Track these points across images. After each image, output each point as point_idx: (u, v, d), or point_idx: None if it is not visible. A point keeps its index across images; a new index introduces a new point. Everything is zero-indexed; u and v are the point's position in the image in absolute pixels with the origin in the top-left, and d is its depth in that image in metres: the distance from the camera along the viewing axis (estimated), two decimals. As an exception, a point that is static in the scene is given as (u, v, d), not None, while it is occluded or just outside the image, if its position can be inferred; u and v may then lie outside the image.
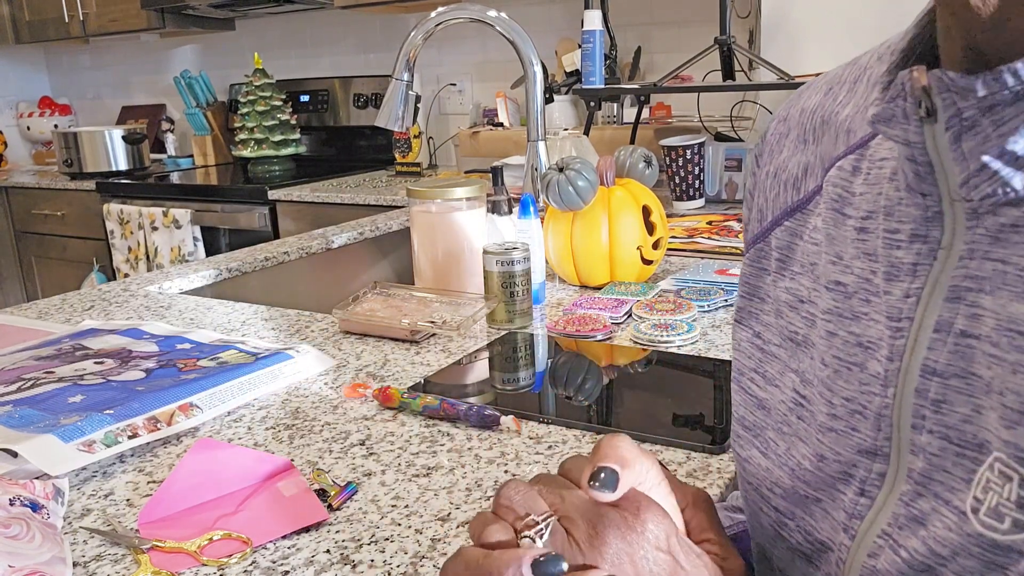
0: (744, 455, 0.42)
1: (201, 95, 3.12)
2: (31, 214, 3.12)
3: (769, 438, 0.40)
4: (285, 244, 1.55)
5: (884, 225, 0.34)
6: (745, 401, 0.43)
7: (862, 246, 0.35)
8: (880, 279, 0.34)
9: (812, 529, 0.37)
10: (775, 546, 0.40)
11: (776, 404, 0.40)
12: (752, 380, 0.42)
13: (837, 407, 0.35)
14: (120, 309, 1.16)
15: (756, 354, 0.42)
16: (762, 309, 0.42)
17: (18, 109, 3.78)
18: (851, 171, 0.37)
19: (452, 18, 1.39)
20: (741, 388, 0.43)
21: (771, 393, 0.41)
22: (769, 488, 0.40)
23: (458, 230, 1.10)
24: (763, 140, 0.46)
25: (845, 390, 0.35)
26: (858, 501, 0.34)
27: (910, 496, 0.32)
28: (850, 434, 0.35)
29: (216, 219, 2.50)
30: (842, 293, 0.36)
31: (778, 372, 0.40)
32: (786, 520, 0.39)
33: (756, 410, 0.42)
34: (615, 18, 2.38)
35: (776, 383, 0.40)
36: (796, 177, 0.41)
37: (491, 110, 2.65)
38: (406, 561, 0.54)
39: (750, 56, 1.78)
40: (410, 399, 0.76)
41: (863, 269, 0.35)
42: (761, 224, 0.44)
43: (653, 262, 1.15)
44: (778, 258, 0.41)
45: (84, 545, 0.57)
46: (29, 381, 0.82)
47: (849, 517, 0.35)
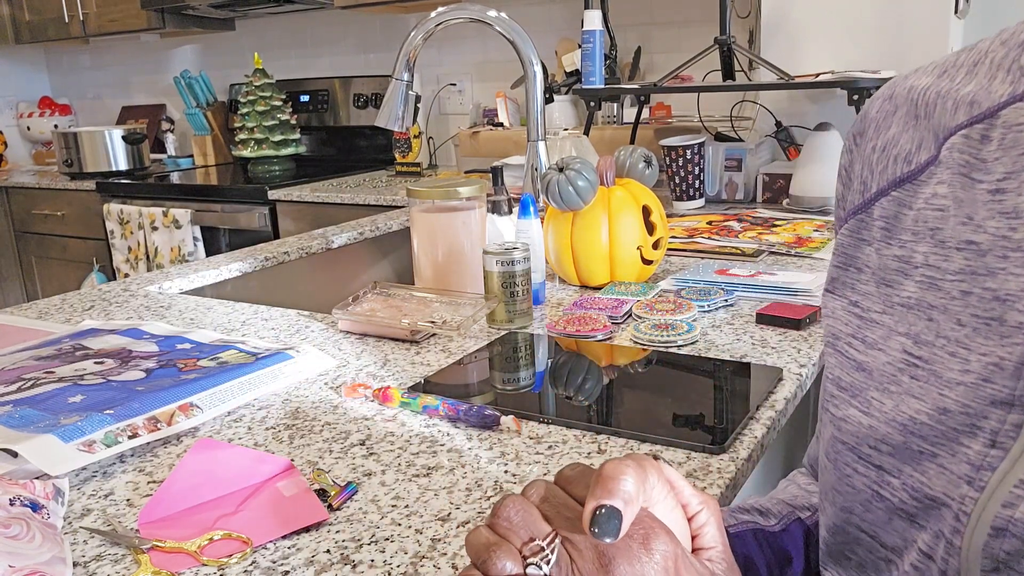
0: (840, 414, 0.42)
1: (201, 95, 3.12)
2: (31, 214, 3.12)
3: (872, 397, 0.40)
4: (285, 244, 1.55)
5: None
6: (842, 363, 0.43)
7: (998, 206, 0.36)
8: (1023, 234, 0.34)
9: (922, 485, 0.37)
10: (869, 508, 0.40)
11: (880, 366, 0.40)
12: (850, 344, 0.42)
13: (972, 363, 0.35)
14: (120, 309, 1.16)
15: (854, 321, 0.43)
16: (859, 279, 0.43)
17: (18, 109, 3.78)
18: (979, 139, 0.37)
19: (452, 18, 1.39)
20: (837, 351, 0.43)
21: (873, 356, 0.41)
22: (872, 446, 0.39)
23: (458, 230, 1.10)
24: (864, 118, 0.46)
25: (983, 346, 0.35)
26: (987, 453, 0.34)
27: None
28: (982, 385, 0.35)
29: (216, 219, 2.51)
30: (975, 251, 0.36)
31: (881, 337, 0.40)
32: (890, 478, 0.39)
33: (854, 372, 0.42)
34: (615, 18, 2.38)
35: (879, 347, 0.40)
36: (908, 151, 0.42)
37: (491, 110, 2.65)
38: (406, 561, 0.54)
39: (750, 56, 1.78)
40: (410, 399, 0.76)
41: (999, 227, 0.35)
42: (864, 195, 0.44)
43: (653, 262, 1.15)
44: (883, 227, 0.42)
45: (84, 545, 0.57)
46: (29, 381, 0.82)
47: (976, 469, 0.34)
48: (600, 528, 0.33)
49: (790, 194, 1.69)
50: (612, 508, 0.33)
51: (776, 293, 1.06)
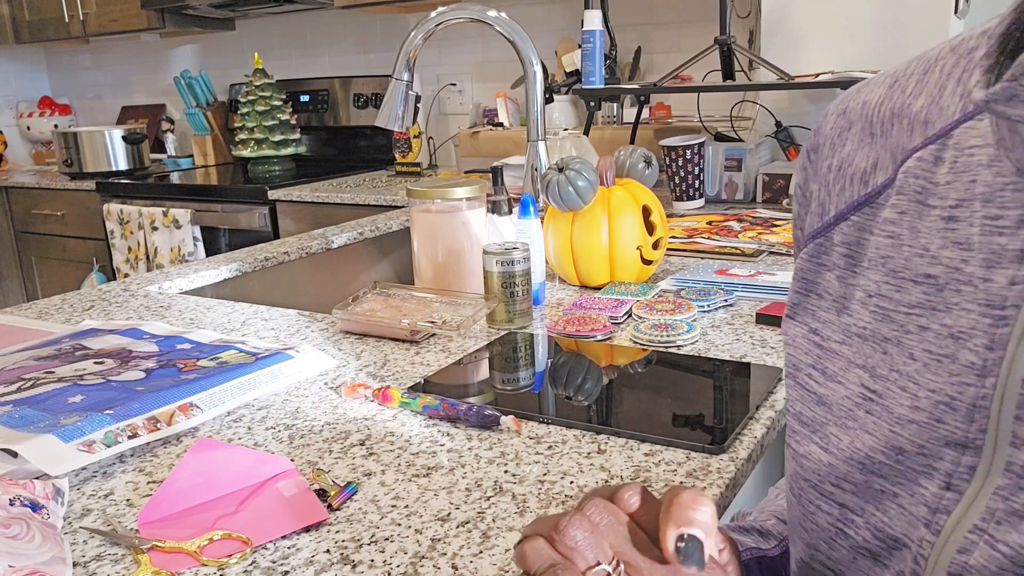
0: (802, 451, 0.41)
1: (201, 95, 3.12)
2: (31, 214, 3.12)
3: (830, 433, 0.39)
4: (285, 244, 1.55)
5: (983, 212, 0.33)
6: (803, 397, 0.42)
7: (951, 235, 0.35)
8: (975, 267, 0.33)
9: (884, 525, 0.36)
10: (833, 546, 0.39)
11: (839, 400, 0.39)
12: (810, 376, 0.42)
13: (921, 399, 0.35)
14: (120, 309, 1.16)
15: (814, 350, 0.42)
16: (819, 305, 0.42)
17: (18, 109, 3.78)
18: (932, 161, 0.36)
19: (452, 18, 1.39)
20: (798, 384, 0.42)
21: (832, 389, 0.40)
22: (835, 484, 0.39)
23: (458, 230, 1.10)
24: (818, 134, 0.45)
25: (933, 382, 0.34)
26: (943, 495, 0.34)
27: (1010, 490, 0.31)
28: (935, 426, 0.34)
29: (216, 219, 2.51)
30: (933, 286, 0.35)
31: (840, 369, 0.40)
32: (853, 516, 0.38)
33: (815, 406, 0.41)
34: (615, 18, 2.38)
35: (839, 379, 0.40)
36: (864, 171, 0.41)
37: (491, 110, 2.65)
38: (406, 561, 0.54)
39: (750, 56, 1.78)
40: (410, 399, 0.76)
41: (952, 259, 0.35)
42: (823, 219, 0.43)
43: (653, 262, 1.15)
44: (845, 253, 0.41)
45: (84, 545, 0.57)
46: (29, 381, 0.82)
47: (932, 512, 0.34)
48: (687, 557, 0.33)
49: (790, 194, 1.68)
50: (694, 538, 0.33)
51: (776, 293, 1.06)
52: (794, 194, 0.46)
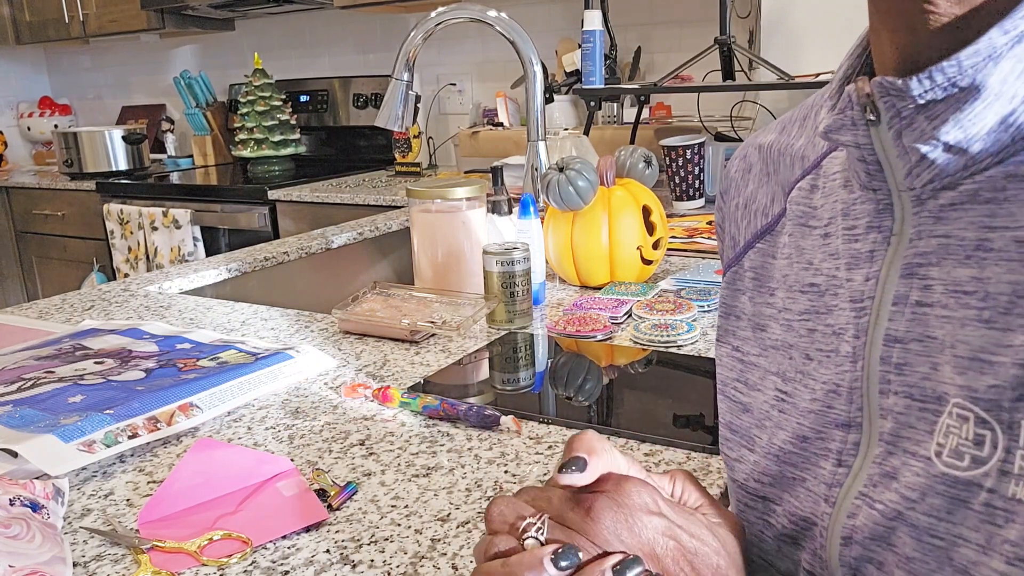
0: (735, 456, 0.46)
1: (201, 95, 3.12)
2: (31, 214, 3.12)
3: (754, 435, 0.44)
4: (285, 244, 1.55)
5: (843, 224, 0.39)
6: (731, 408, 0.47)
7: (827, 248, 0.40)
8: (843, 271, 0.39)
9: (796, 509, 0.41)
10: (763, 539, 0.43)
11: (759, 405, 0.44)
12: (736, 389, 0.47)
13: (817, 392, 0.40)
14: (120, 309, 1.16)
15: (737, 366, 0.47)
16: (738, 326, 0.47)
17: (18, 109, 3.78)
18: (809, 189, 0.43)
19: (452, 18, 1.39)
20: (726, 397, 0.47)
21: (753, 397, 0.45)
22: (757, 479, 0.43)
23: (458, 230, 1.10)
24: (726, 178, 0.51)
25: (825, 375, 0.39)
26: (836, 472, 0.38)
27: (882, 456, 0.36)
28: (827, 412, 0.39)
29: (216, 219, 2.50)
30: (816, 292, 0.41)
31: (759, 378, 0.45)
32: (774, 506, 0.42)
33: (741, 414, 0.46)
34: (615, 18, 2.38)
35: (758, 388, 0.45)
36: (764, 205, 0.47)
37: (491, 110, 2.65)
38: (406, 561, 0.54)
39: (750, 56, 1.78)
40: (410, 399, 0.76)
41: (829, 268, 0.40)
42: (735, 249, 0.49)
43: (653, 262, 1.15)
44: (753, 277, 0.46)
45: (84, 545, 0.57)
46: (29, 381, 0.82)
47: (829, 487, 0.38)
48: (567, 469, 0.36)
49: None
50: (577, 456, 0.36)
51: (776, 293, 1.06)
52: (716, 232, 0.53)
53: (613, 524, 0.35)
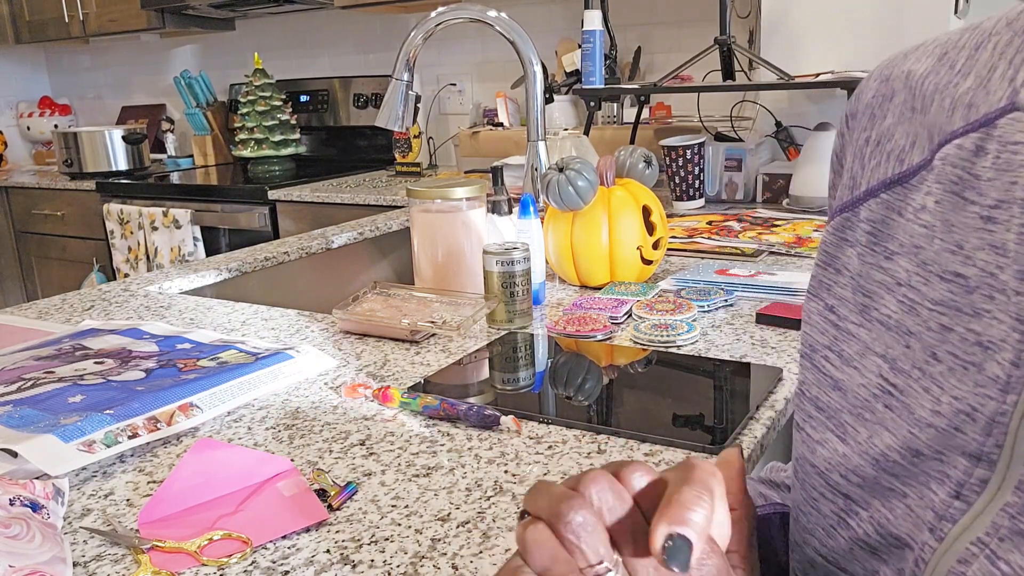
0: (818, 438, 0.40)
1: (201, 95, 3.12)
2: (31, 214, 3.12)
3: (846, 422, 0.38)
4: (285, 244, 1.55)
5: (1021, 219, 0.31)
6: (819, 380, 0.40)
7: (988, 237, 0.32)
8: (1010, 276, 0.32)
9: (887, 523, 0.36)
10: (832, 535, 0.39)
11: (855, 387, 0.38)
12: (826, 358, 0.40)
13: (943, 404, 0.34)
14: (120, 309, 1.16)
15: (830, 330, 0.40)
16: (836, 281, 0.40)
17: (18, 109, 3.78)
18: (974, 151, 0.34)
19: (452, 18, 1.39)
20: (814, 366, 0.41)
21: (848, 375, 0.38)
22: (843, 475, 0.38)
23: (458, 230, 1.10)
24: (858, 100, 0.42)
25: (956, 389, 0.33)
26: (951, 504, 0.33)
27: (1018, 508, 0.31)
28: (953, 434, 0.33)
29: (216, 219, 2.51)
30: (962, 287, 0.33)
31: (857, 353, 0.38)
32: (858, 509, 0.37)
33: (831, 391, 0.39)
34: (615, 18, 2.38)
35: (854, 364, 0.38)
36: (902, 148, 0.38)
37: (491, 110, 2.65)
38: (406, 561, 0.54)
39: (750, 56, 1.78)
40: (410, 399, 0.76)
41: (987, 263, 0.32)
42: (852, 192, 0.41)
43: (653, 262, 1.15)
44: (869, 231, 0.39)
45: (84, 545, 0.57)
46: (29, 381, 0.82)
47: (938, 518, 0.34)
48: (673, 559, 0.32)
49: (790, 194, 1.69)
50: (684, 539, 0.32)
51: (776, 293, 1.06)
52: (830, 161, 0.44)
53: None
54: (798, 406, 0.42)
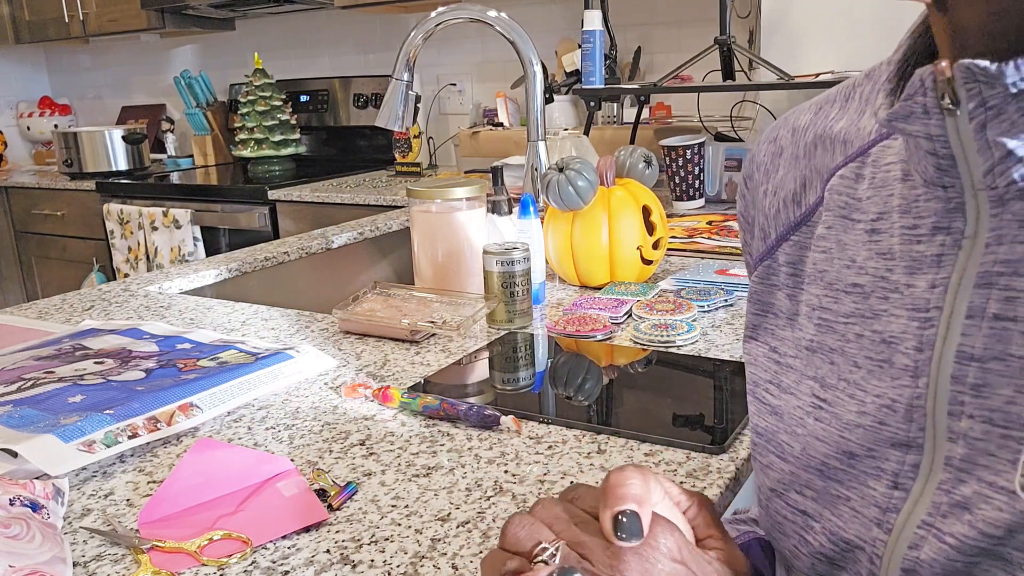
0: (765, 462, 0.43)
1: (201, 95, 3.12)
2: (31, 214, 3.12)
3: (783, 441, 0.41)
4: (285, 244, 1.55)
5: (900, 223, 0.35)
6: (760, 410, 0.44)
7: (875, 247, 0.37)
8: (899, 275, 0.35)
9: (838, 529, 0.37)
10: (797, 554, 0.41)
11: (790, 410, 0.41)
12: (767, 391, 0.43)
13: (867, 404, 0.36)
14: (120, 309, 1.16)
15: (772, 367, 0.43)
16: (776, 324, 0.44)
17: (18, 109, 3.78)
18: (854, 178, 0.39)
19: (452, 18, 1.39)
20: (756, 399, 0.44)
21: (785, 400, 0.42)
22: (798, 491, 0.40)
23: (458, 230, 1.10)
24: (752, 162, 0.47)
25: (876, 387, 0.36)
26: (891, 495, 0.35)
27: (951, 483, 0.33)
28: (879, 428, 0.35)
29: (216, 219, 2.51)
30: (860, 294, 0.37)
31: (793, 381, 0.41)
32: (812, 523, 0.39)
33: (769, 416, 0.43)
34: (615, 18, 2.38)
35: (791, 391, 0.41)
36: (795, 192, 0.43)
37: (491, 110, 2.65)
38: (406, 561, 0.54)
39: (750, 56, 1.78)
40: (410, 399, 0.76)
41: (877, 268, 0.36)
42: (766, 242, 0.45)
43: (653, 262, 1.15)
44: (790, 272, 0.43)
45: (84, 545, 0.57)
46: (29, 381, 0.82)
47: (883, 512, 0.35)
48: (625, 532, 0.34)
49: (790, 194, 1.68)
50: (630, 512, 0.34)
51: (776, 293, 1.06)
52: (738, 222, 0.49)
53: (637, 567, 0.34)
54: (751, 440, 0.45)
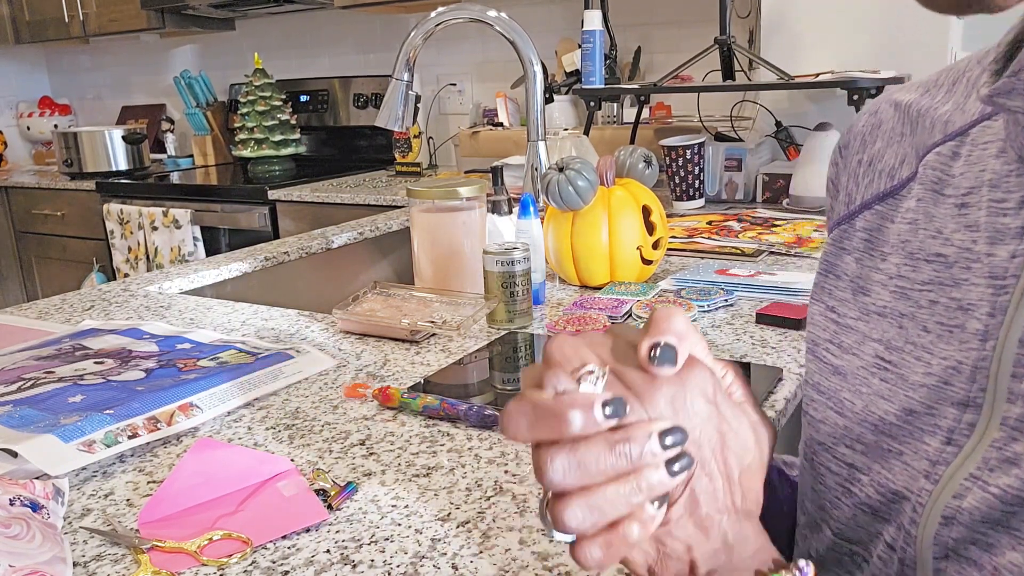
0: (819, 417, 0.45)
1: (201, 95, 3.12)
2: (31, 214, 3.12)
3: (844, 399, 0.43)
4: (285, 244, 1.55)
5: (989, 196, 0.38)
6: (821, 369, 0.45)
7: (963, 220, 0.39)
8: (982, 245, 0.37)
9: (887, 481, 0.39)
10: (837, 505, 0.43)
11: (854, 370, 0.43)
12: (827, 350, 0.45)
13: (934, 366, 0.38)
14: (120, 309, 1.16)
15: (831, 327, 0.45)
16: (836, 285, 0.46)
17: (18, 109, 3.78)
18: (950, 155, 0.41)
19: (452, 18, 1.39)
20: (817, 358, 0.46)
21: (847, 360, 0.43)
22: (848, 446, 0.42)
23: (458, 230, 1.10)
24: (850, 132, 0.49)
25: (944, 350, 0.38)
26: (944, 450, 0.37)
27: (1003, 441, 0.35)
28: (942, 388, 0.38)
29: (216, 219, 2.51)
30: (943, 263, 0.39)
31: (855, 342, 0.43)
32: (860, 475, 0.41)
33: (831, 376, 0.44)
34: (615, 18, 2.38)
35: (853, 351, 0.43)
36: (892, 167, 0.45)
37: (491, 110, 2.65)
38: (406, 561, 0.54)
39: (750, 56, 1.78)
40: (410, 399, 0.76)
41: (963, 240, 0.38)
42: (848, 207, 0.47)
43: (653, 262, 1.15)
44: (865, 239, 0.45)
45: (84, 545, 0.57)
46: (29, 381, 0.82)
47: (933, 464, 0.37)
48: (659, 359, 0.35)
49: (790, 194, 1.69)
50: (667, 344, 0.35)
51: (776, 293, 1.06)
52: (826, 188, 0.51)
53: (671, 397, 0.35)
54: (804, 394, 0.47)
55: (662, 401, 0.35)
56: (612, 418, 0.34)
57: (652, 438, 0.34)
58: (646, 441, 0.34)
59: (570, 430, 0.34)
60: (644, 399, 0.35)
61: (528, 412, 0.34)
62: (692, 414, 0.35)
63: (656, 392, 0.35)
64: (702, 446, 0.36)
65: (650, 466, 0.34)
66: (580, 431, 0.34)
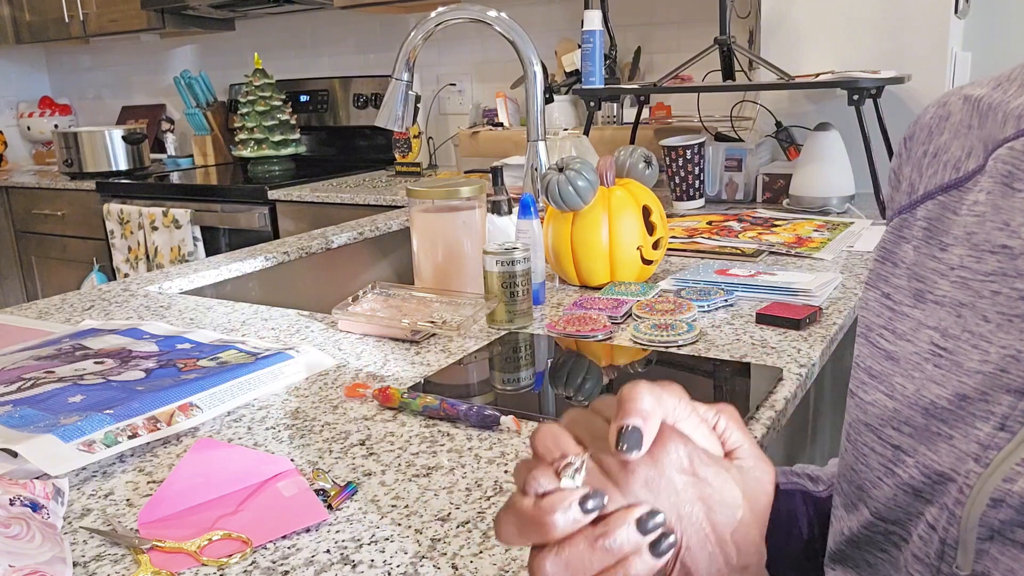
0: (869, 399, 0.45)
1: (201, 95, 3.12)
2: (31, 214, 3.12)
3: (896, 383, 0.44)
4: (285, 244, 1.55)
5: None
6: (873, 353, 0.46)
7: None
8: None
9: (932, 463, 0.40)
10: (878, 485, 0.43)
11: (907, 355, 0.44)
12: (881, 335, 0.46)
13: (992, 355, 0.39)
14: (120, 309, 1.16)
15: (885, 312, 0.46)
16: (893, 273, 0.46)
17: (18, 109, 3.78)
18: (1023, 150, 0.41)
19: (452, 18, 1.39)
20: (869, 342, 0.47)
21: (901, 346, 0.44)
22: (895, 427, 0.43)
23: (458, 230, 1.10)
24: (916, 123, 0.50)
25: (1004, 339, 0.38)
26: (996, 435, 0.37)
27: None
28: (999, 375, 0.38)
29: (216, 219, 2.51)
30: (1008, 255, 0.40)
31: (909, 329, 0.44)
32: (905, 457, 0.42)
33: (884, 360, 0.45)
34: (615, 18, 2.38)
35: (907, 338, 0.44)
36: (958, 158, 0.45)
37: (491, 110, 2.65)
38: (406, 561, 0.54)
39: (750, 56, 1.78)
40: (410, 399, 0.76)
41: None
42: (911, 197, 0.47)
43: (653, 262, 1.15)
44: (925, 228, 0.45)
45: (84, 545, 0.57)
46: (29, 381, 0.82)
47: (984, 448, 0.38)
48: (626, 443, 0.36)
49: (790, 194, 1.69)
50: (633, 427, 0.36)
51: (776, 293, 1.06)
52: (888, 179, 0.51)
53: (645, 480, 0.36)
54: (853, 375, 0.48)
55: (637, 485, 0.36)
56: (592, 512, 0.35)
57: (629, 527, 0.35)
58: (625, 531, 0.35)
59: (554, 534, 0.35)
60: (621, 486, 0.36)
61: (514, 521, 0.36)
62: (670, 492, 0.36)
63: (631, 477, 0.36)
64: (684, 519, 0.37)
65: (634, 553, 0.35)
66: (563, 533, 0.35)
